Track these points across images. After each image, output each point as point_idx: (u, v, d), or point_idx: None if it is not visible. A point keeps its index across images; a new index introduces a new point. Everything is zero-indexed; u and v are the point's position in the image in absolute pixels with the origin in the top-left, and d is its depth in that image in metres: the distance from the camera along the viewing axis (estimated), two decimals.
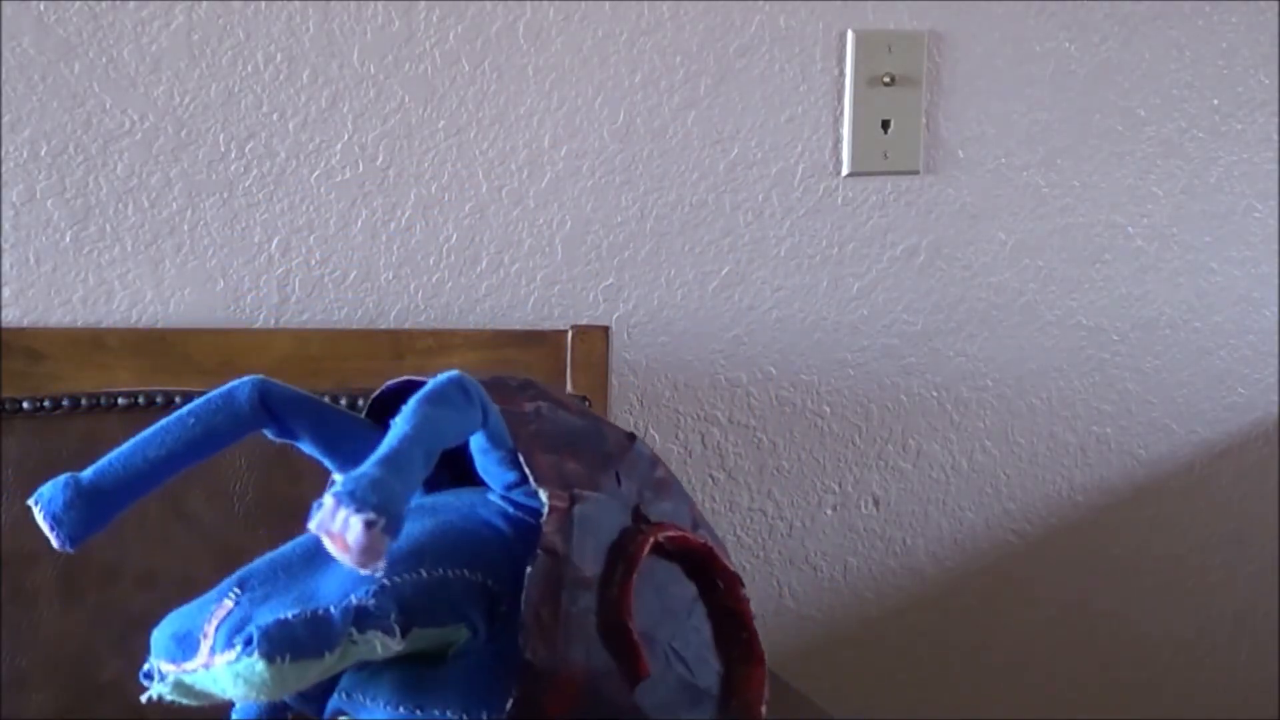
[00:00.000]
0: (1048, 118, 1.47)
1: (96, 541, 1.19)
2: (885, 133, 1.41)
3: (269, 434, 0.74)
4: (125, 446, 0.71)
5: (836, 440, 1.47)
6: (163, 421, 0.71)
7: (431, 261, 1.33)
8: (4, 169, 1.23)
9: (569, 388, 1.24)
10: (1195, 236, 1.53)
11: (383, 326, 1.32)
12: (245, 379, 0.72)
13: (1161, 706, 1.63)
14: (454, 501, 0.75)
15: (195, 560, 1.16)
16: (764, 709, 0.76)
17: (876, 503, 1.50)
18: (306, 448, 0.75)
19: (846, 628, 1.51)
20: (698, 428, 1.43)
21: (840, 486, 1.48)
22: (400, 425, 0.65)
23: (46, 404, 1.16)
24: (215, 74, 1.25)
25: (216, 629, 0.66)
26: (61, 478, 0.70)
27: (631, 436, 0.77)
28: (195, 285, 1.28)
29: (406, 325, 1.32)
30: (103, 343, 1.20)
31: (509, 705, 0.65)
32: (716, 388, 1.43)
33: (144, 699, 0.69)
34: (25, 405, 1.15)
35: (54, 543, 0.70)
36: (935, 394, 1.49)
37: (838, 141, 1.41)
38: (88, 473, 0.71)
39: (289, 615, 0.64)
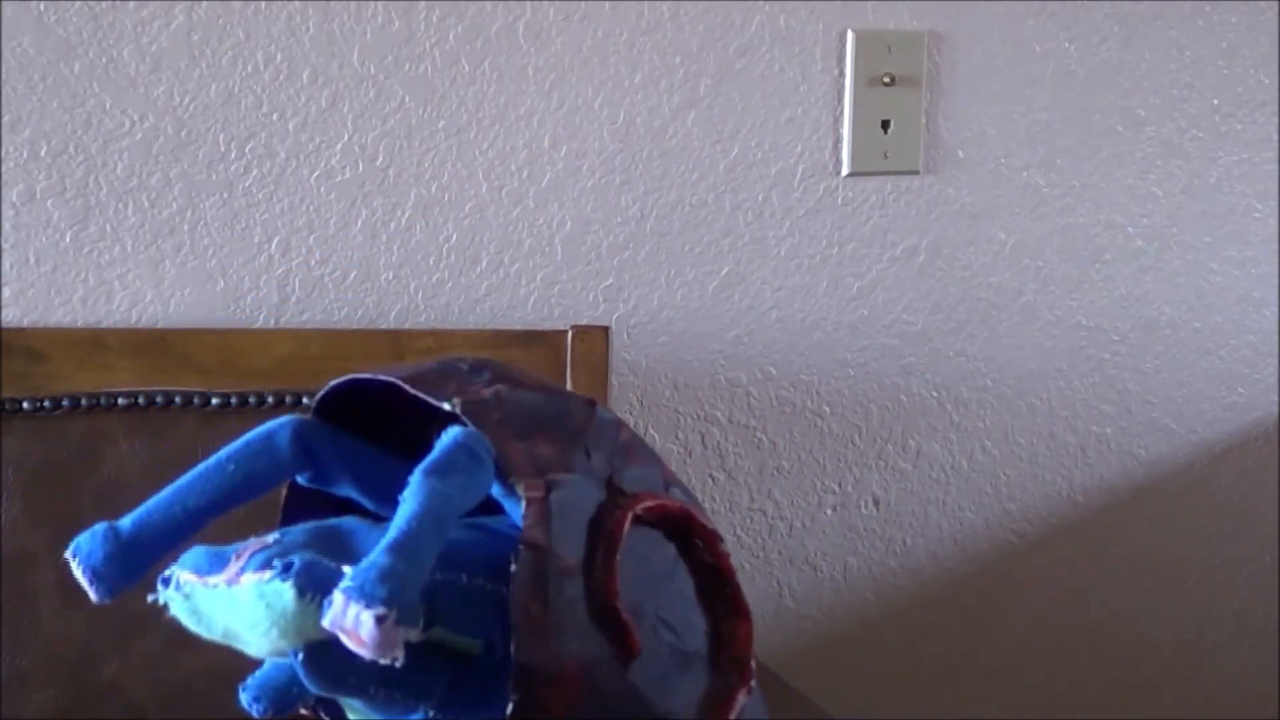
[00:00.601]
0: (1048, 118, 1.47)
1: None
2: (885, 133, 1.41)
3: (302, 480, 0.73)
4: (164, 495, 0.70)
5: (836, 440, 1.47)
6: (201, 467, 0.70)
7: (431, 261, 1.33)
8: (4, 169, 1.23)
9: (569, 388, 1.24)
10: (1195, 236, 1.53)
11: (383, 326, 1.32)
12: (284, 419, 0.71)
13: (1161, 706, 1.63)
14: (491, 523, 0.74)
15: None
16: (753, 662, 0.75)
17: (876, 503, 1.50)
18: (344, 491, 0.74)
19: (846, 628, 1.51)
20: (698, 428, 1.43)
21: (840, 486, 1.48)
22: (408, 503, 0.64)
23: (46, 404, 1.16)
24: (215, 74, 1.25)
25: (252, 554, 0.65)
26: (100, 528, 0.69)
27: (592, 402, 0.76)
28: (195, 285, 1.28)
29: (406, 325, 1.32)
30: (103, 343, 1.20)
31: (509, 709, 0.64)
32: (716, 388, 1.43)
33: (150, 599, 0.68)
34: (25, 405, 1.15)
35: (91, 596, 0.69)
36: (935, 394, 1.49)
37: (838, 141, 1.41)
38: (126, 523, 0.70)
39: (329, 563, 0.63)
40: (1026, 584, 1.56)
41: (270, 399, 1.19)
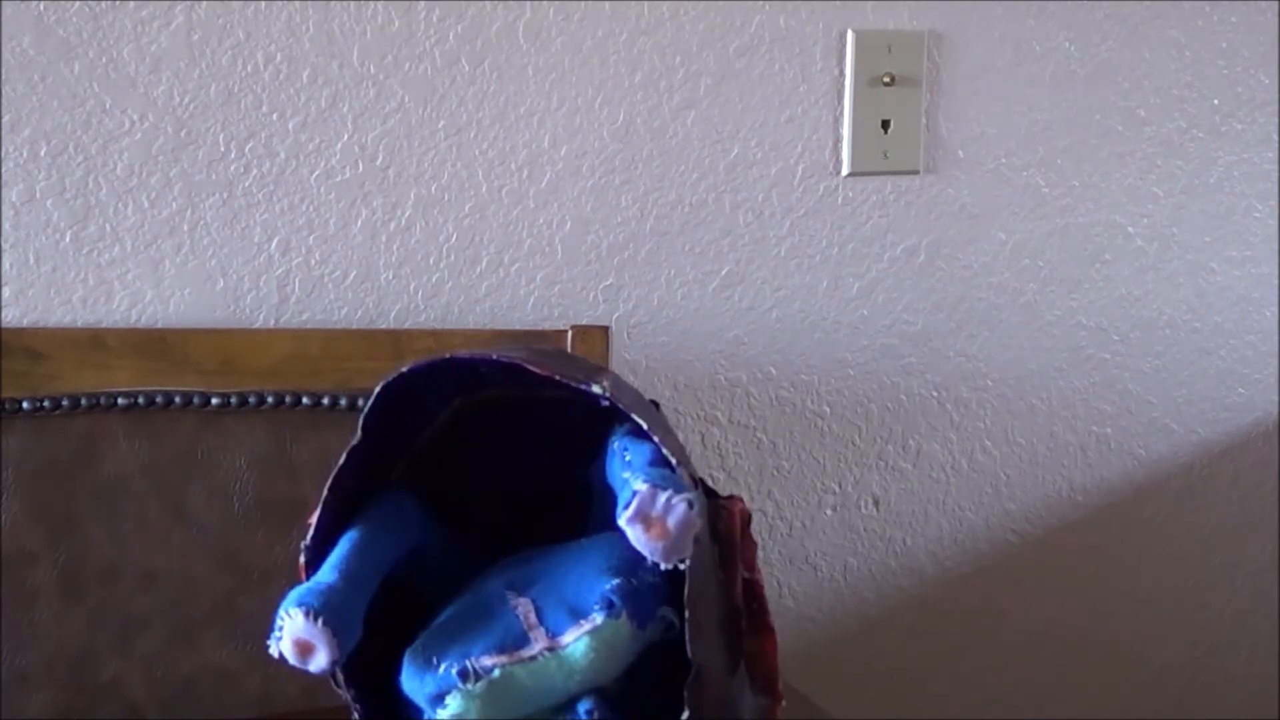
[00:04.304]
0: (1048, 118, 1.47)
1: (96, 541, 1.20)
2: (885, 133, 1.41)
3: None
4: (340, 551, 0.69)
5: (836, 440, 1.47)
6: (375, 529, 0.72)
7: (431, 261, 1.33)
8: (4, 169, 1.23)
9: None
10: (1195, 236, 1.53)
11: (383, 326, 1.32)
12: None
13: (1161, 707, 1.63)
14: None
15: (195, 560, 1.16)
16: (780, 684, 0.71)
17: (876, 503, 1.50)
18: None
19: (846, 628, 1.51)
20: (698, 428, 1.43)
21: (840, 486, 1.48)
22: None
23: (46, 404, 1.16)
24: (215, 74, 1.25)
25: (541, 618, 0.64)
26: (304, 586, 0.65)
27: (655, 404, 0.75)
28: (195, 285, 1.28)
29: (406, 325, 1.32)
30: (103, 343, 1.20)
31: (684, 716, 0.62)
32: (716, 388, 1.43)
33: (431, 692, 0.65)
34: (25, 405, 1.15)
35: (325, 655, 0.64)
36: (935, 394, 1.49)
37: (838, 141, 1.41)
38: (325, 575, 0.67)
39: (613, 585, 0.62)
40: (1026, 584, 1.56)
41: (270, 399, 1.19)
